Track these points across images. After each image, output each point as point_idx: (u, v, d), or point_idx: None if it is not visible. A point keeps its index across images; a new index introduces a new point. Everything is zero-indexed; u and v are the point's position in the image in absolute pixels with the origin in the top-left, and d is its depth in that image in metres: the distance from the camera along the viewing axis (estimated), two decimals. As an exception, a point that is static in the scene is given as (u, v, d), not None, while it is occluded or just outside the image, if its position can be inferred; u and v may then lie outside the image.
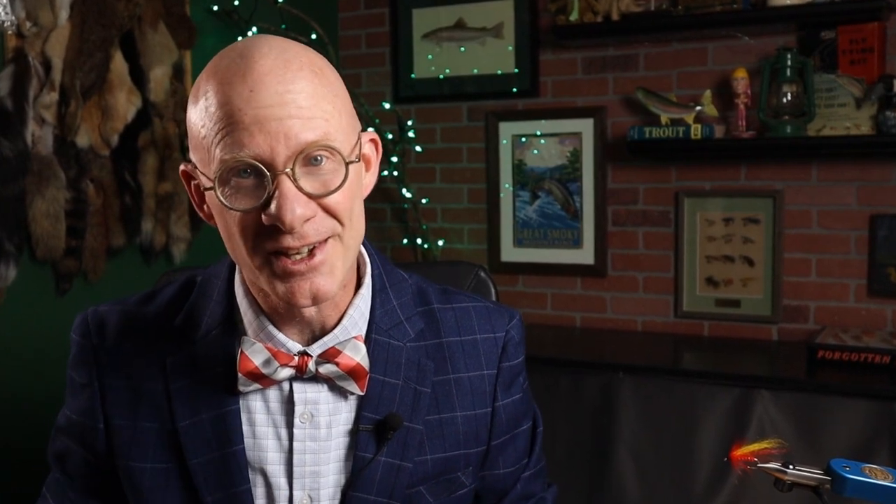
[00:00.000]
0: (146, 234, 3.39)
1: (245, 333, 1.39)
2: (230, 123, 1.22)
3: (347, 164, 1.27)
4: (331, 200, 1.26)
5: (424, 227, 4.19)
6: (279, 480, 1.39)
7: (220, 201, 1.25)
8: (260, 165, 1.22)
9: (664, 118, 3.64)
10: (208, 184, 1.27)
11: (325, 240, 1.28)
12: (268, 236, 1.25)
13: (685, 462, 3.18)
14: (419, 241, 4.20)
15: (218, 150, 1.23)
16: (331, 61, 1.38)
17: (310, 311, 1.36)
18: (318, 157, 1.25)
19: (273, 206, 1.22)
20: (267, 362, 1.34)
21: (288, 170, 1.22)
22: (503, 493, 1.56)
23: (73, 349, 1.48)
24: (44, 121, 3.00)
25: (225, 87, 1.23)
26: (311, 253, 1.27)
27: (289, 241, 1.25)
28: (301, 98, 1.23)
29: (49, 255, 3.04)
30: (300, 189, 1.23)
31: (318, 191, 1.25)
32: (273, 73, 1.23)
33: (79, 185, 3.12)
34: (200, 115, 1.26)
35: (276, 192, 1.22)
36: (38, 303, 3.09)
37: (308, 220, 1.25)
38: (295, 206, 1.22)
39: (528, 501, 1.59)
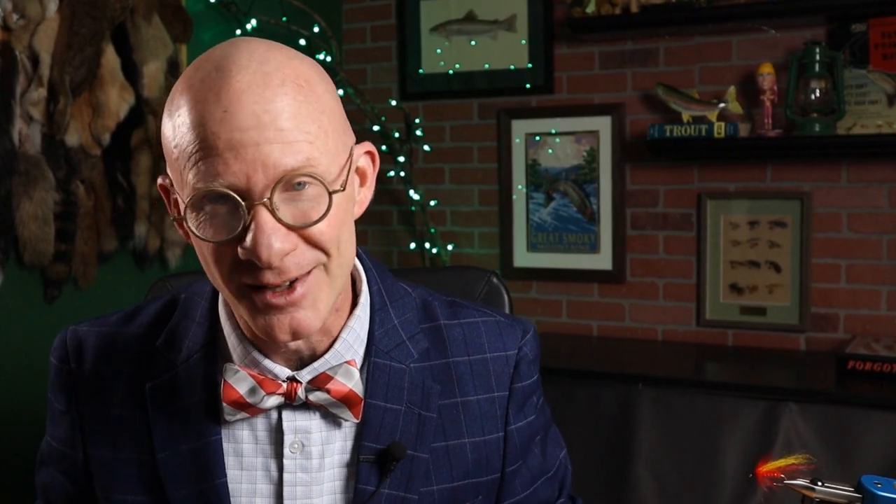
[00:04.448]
0: (139, 238, 3.39)
1: (229, 358, 1.36)
2: (203, 147, 1.17)
3: (331, 193, 1.21)
4: (314, 231, 1.21)
5: (433, 230, 4.20)
6: None
7: (192, 231, 1.21)
8: (234, 195, 1.17)
9: (686, 116, 3.63)
10: (182, 209, 1.22)
11: (309, 272, 1.24)
12: (244, 270, 1.21)
13: (708, 478, 3.17)
14: (427, 245, 4.20)
15: (190, 176, 1.19)
16: (333, 56, 1.36)
17: (296, 344, 1.33)
18: (301, 183, 1.19)
19: (249, 240, 1.18)
20: (252, 391, 1.31)
21: (265, 199, 1.17)
22: None
23: (51, 374, 1.46)
24: (31, 118, 3.00)
25: (198, 105, 1.18)
26: (292, 286, 1.23)
27: (268, 278, 1.20)
28: (282, 118, 1.17)
29: (37, 260, 3.04)
30: (279, 220, 1.18)
31: (298, 221, 1.20)
32: (251, 91, 1.17)
33: (68, 187, 3.12)
34: (173, 132, 1.21)
35: (253, 224, 1.18)
36: (25, 310, 3.09)
37: (288, 253, 1.20)
38: (272, 241, 1.17)
39: None
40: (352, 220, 1.31)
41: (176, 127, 1.21)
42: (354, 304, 1.41)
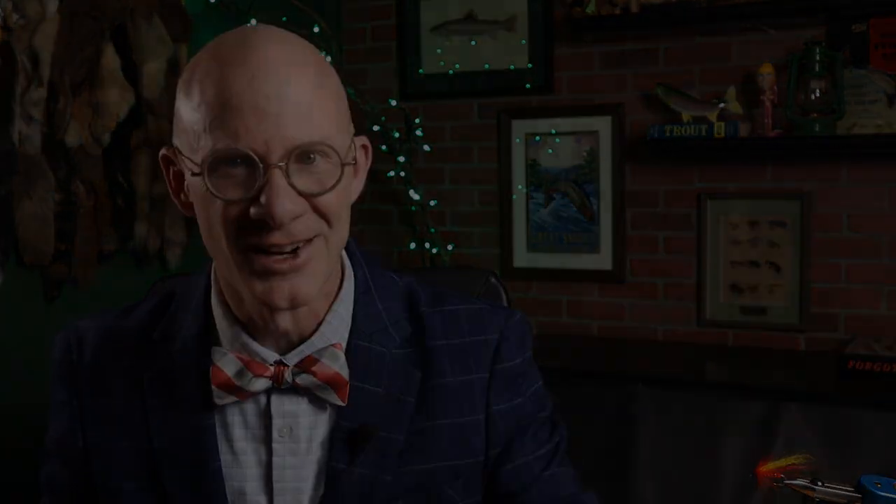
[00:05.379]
0: (139, 238, 3.39)
1: (220, 344, 1.39)
2: (227, 109, 1.22)
3: (343, 164, 1.28)
4: (323, 200, 1.27)
5: (433, 230, 4.19)
6: (258, 498, 1.38)
7: (208, 188, 1.25)
8: (253, 155, 1.22)
9: (686, 116, 3.63)
10: (195, 169, 1.26)
11: (311, 239, 1.29)
12: (252, 231, 1.25)
13: (708, 479, 3.17)
14: (427, 245, 4.20)
15: (210, 138, 1.24)
16: (334, 56, 1.39)
17: (285, 323, 1.35)
18: (313, 156, 1.26)
19: (263, 199, 1.22)
20: (240, 373, 1.34)
21: (282, 164, 1.23)
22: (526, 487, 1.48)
23: (52, 368, 1.49)
24: (31, 118, 3.00)
25: (225, 69, 1.24)
26: (296, 252, 1.28)
27: (276, 238, 1.25)
28: (303, 92, 1.24)
29: (37, 260, 3.04)
30: (292, 185, 1.24)
31: (310, 189, 1.26)
32: (276, 62, 1.24)
33: (68, 187, 3.13)
34: (195, 98, 1.26)
35: (267, 186, 1.22)
36: (25, 310, 3.09)
37: (297, 217, 1.25)
38: (286, 202, 1.22)
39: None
40: (350, 202, 1.36)
41: (199, 93, 1.26)
42: (340, 289, 1.43)
